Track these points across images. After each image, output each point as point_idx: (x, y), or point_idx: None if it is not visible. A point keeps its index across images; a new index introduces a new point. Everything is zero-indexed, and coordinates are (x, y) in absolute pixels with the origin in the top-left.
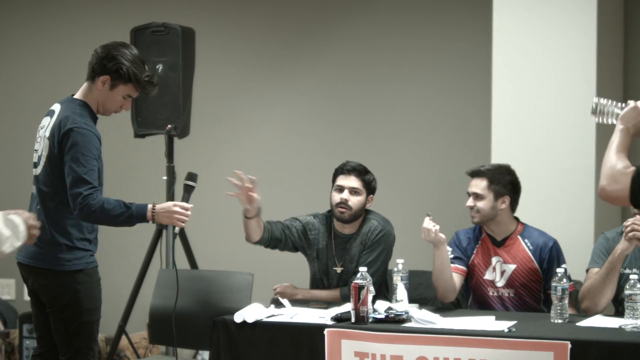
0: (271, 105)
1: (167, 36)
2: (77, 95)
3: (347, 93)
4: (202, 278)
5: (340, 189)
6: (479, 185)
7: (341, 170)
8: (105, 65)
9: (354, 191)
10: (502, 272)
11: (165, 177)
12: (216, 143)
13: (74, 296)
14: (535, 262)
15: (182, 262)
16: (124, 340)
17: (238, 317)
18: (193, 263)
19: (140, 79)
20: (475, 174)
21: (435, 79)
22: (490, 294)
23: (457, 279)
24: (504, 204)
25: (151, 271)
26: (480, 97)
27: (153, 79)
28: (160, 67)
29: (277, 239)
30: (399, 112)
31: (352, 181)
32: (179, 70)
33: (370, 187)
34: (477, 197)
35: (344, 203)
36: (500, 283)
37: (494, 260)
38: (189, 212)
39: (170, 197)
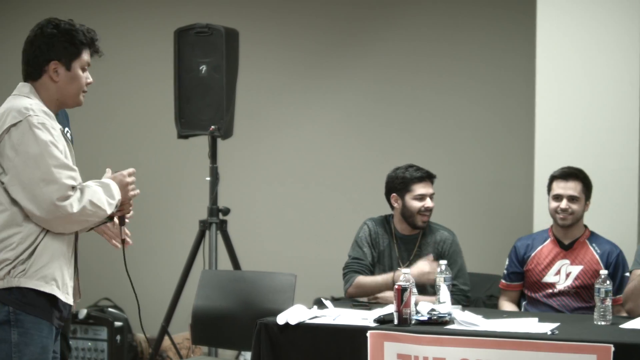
0: (315, 106)
1: (211, 37)
2: None
3: (391, 93)
4: (245, 279)
5: (422, 197)
6: (576, 188)
7: (420, 179)
8: None
9: (432, 197)
10: (568, 275)
11: (208, 178)
12: (259, 144)
13: None
14: (602, 265)
15: (225, 263)
16: (166, 341)
17: (281, 319)
18: (236, 264)
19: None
20: (570, 176)
21: (479, 82)
22: (548, 296)
23: (514, 296)
24: (587, 207)
25: (194, 272)
26: (524, 98)
27: None
28: (203, 68)
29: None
30: (443, 114)
31: (430, 188)
32: (223, 71)
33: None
34: (573, 199)
35: (428, 210)
36: (562, 285)
37: (558, 263)
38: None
39: (214, 198)
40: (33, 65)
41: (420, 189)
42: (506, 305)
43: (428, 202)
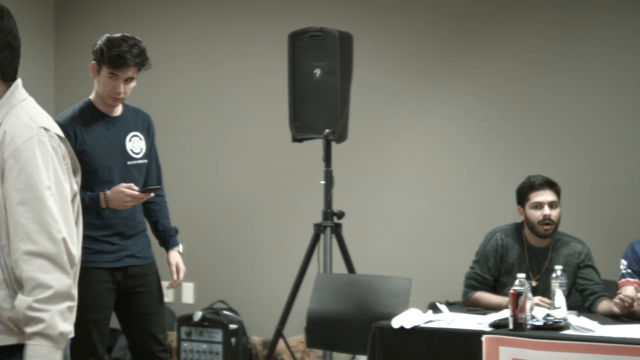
0: (430, 110)
1: (325, 41)
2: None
3: (508, 98)
4: (360, 282)
5: (539, 205)
6: None
7: (532, 187)
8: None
9: (553, 205)
10: None
11: (323, 182)
12: (374, 147)
13: None
14: None
15: (340, 266)
16: (281, 344)
17: (396, 323)
18: (350, 267)
19: (106, 55)
20: None
21: (606, 85)
22: None
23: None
24: None
25: (309, 275)
26: None
27: (125, 53)
28: (318, 71)
29: None
30: (562, 119)
31: (548, 195)
32: (337, 75)
33: (559, 197)
34: None
35: (547, 219)
36: None
37: None
38: (135, 193)
39: (329, 201)
40: None
41: (536, 196)
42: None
43: (546, 210)
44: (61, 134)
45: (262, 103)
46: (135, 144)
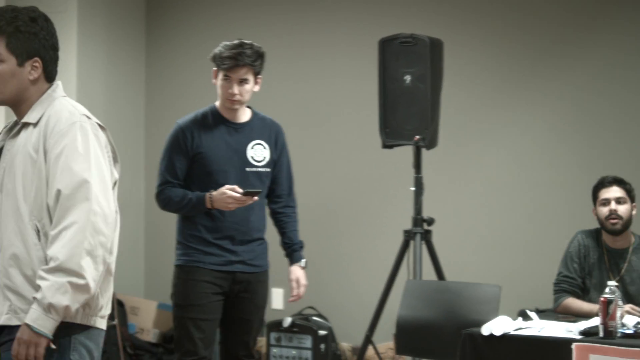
0: (519, 117)
1: (416, 47)
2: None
3: (599, 103)
4: (449, 289)
5: (606, 202)
6: None
7: (602, 185)
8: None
9: (620, 200)
10: None
11: (413, 188)
12: (464, 154)
13: (173, 289)
14: None
15: (429, 273)
16: (370, 351)
17: (485, 330)
18: (440, 274)
19: (218, 58)
20: None
21: None
22: None
23: None
24: None
25: (398, 281)
26: None
27: (236, 55)
28: (408, 77)
29: None
30: None
31: (615, 192)
32: (427, 81)
33: (631, 195)
34: None
35: (614, 213)
36: None
37: None
38: (236, 195)
39: (418, 208)
40: None
41: (604, 193)
42: None
43: (612, 205)
44: (101, 123)
45: (352, 109)
46: (258, 152)
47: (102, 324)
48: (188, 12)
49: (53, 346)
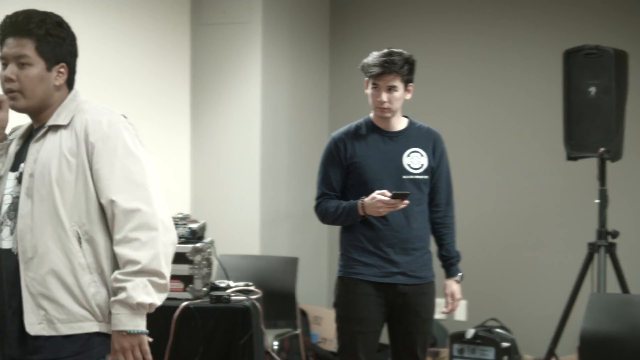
0: None
1: (600, 59)
2: None
3: None
4: (634, 303)
5: None
6: None
7: None
8: None
9: None
10: None
11: (597, 200)
12: None
13: (335, 300)
14: None
15: (614, 286)
16: None
17: None
18: (624, 287)
19: (365, 65)
20: None
21: None
22: None
23: None
24: None
25: (582, 294)
26: None
27: (383, 62)
28: (593, 89)
29: None
30: None
31: None
32: (612, 93)
33: None
34: None
35: None
36: None
37: None
38: (385, 199)
39: (603, 220)
40: None
41: None
42: None
43: None
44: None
45: (535, 120)
46: (414, 160)
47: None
48: (372, 22)
49: (150, 339)
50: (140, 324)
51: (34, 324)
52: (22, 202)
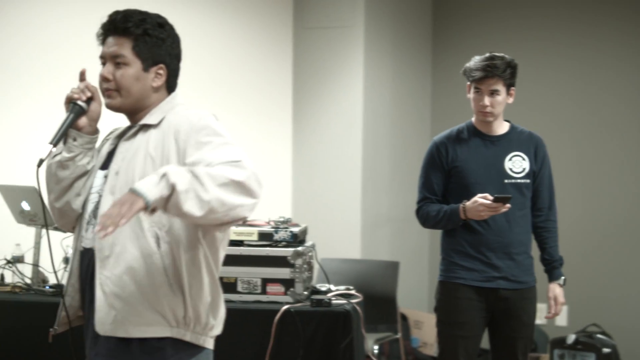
0: None
1: None
2: None
3: None
4: None
5: None
6: None
7: None
8: None
9: None
10: None
11: None
12: None
13: (436, 304)
14: None
15: None
16: None
17: None
18: None
19: (467, 69)
20: None
21: None
22: None
23: None
24: None
25: None
26: None
27: (485, 67)
28: None
29: None
30: None
31: None
32: None
33: None
34: None
35: None
36: None
37: None
38: (487, 202)
39: None
40: None
41: None
42: None
43: None
44: None
45: (634, 123)
46: (516, 163)
47: (211, 344)
48: (475, 25)
49: (149, 214)
50: (150, 189)
51: (105, 324)
52: (105, 199)
